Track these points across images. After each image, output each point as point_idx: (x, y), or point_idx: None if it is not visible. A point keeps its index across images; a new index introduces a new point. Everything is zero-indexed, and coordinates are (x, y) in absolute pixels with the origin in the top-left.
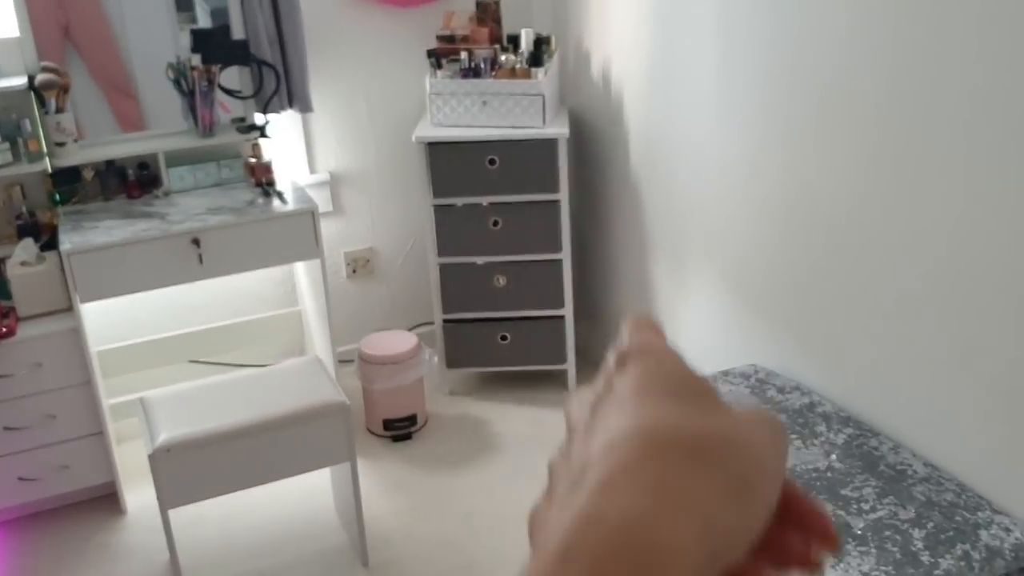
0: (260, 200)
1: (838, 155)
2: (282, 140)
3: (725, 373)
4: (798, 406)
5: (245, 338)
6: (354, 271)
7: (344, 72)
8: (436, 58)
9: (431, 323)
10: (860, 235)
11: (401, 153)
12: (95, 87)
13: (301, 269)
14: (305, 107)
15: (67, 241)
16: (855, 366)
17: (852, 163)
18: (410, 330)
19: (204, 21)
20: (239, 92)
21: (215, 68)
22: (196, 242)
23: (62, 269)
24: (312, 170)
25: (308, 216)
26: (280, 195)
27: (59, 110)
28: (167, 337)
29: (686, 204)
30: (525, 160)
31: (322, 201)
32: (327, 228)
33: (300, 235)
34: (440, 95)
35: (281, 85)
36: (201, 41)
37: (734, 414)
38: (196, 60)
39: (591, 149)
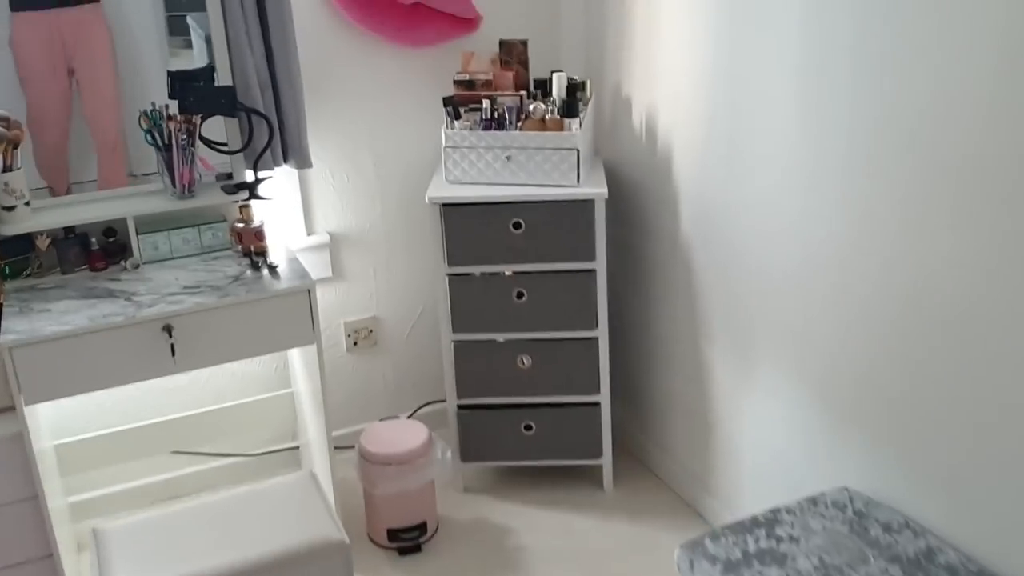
0: (248, 273)
1: (970, 240)
2: (275, 197)
3: (813, 502)
4: (912, 553)
5: (231, 425)
6: (355, 343)
7: (347, 121)
8: (453, 107)
9: (441, 401)
10: (993, 338)
11: (411, 212)
12: (90, 142)
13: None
14: (303, 162)
15: (11, 329)
16: (985, 500)
17: (987, 251)
18: (419, 410)
19: (198, 48)
20: (224, 146)
21: (196, 118)
22: (168, 330)
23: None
24: (309, 231)
25: (304, 296)
26: (272, 268)
27: (7, 168)
28: (141, 427)
29: (755, 284)
30: (556, 223)
31: (320, 265)
32: (325, 296)
33: (294, 317)
34: (457, 148)
35: (275, 137)
36: (179, 86)
37: None
38: (174, 108)
39: (631, 208)
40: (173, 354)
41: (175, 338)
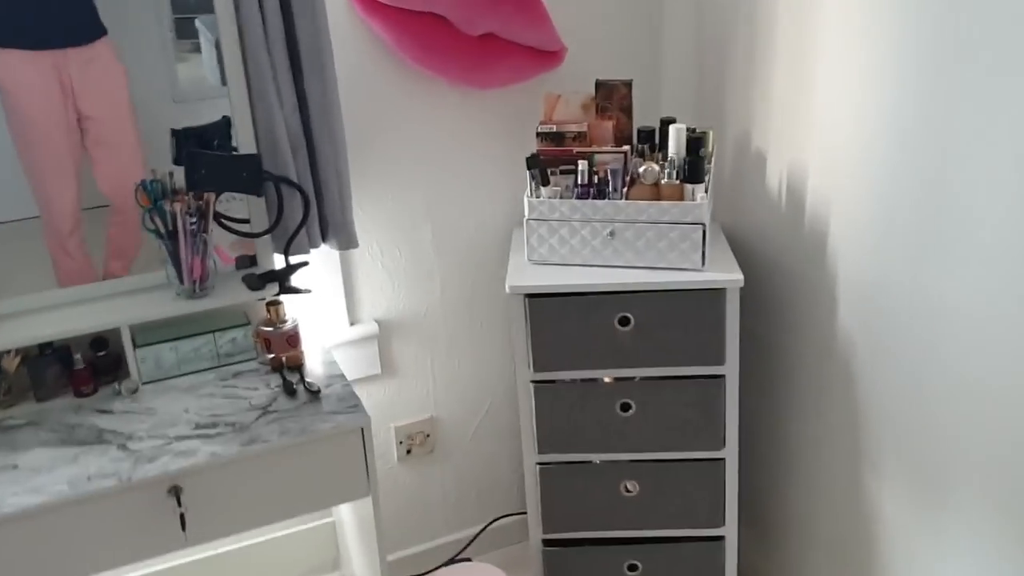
0: (279, 401)
1: None
2: (312, 282)
3: None
4: None
5: (264, 559)
6: (408, 451)
7: (400, 185)
8: (540, 169)
9: (516, 515)
10: None
11: (476, 293)
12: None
13: None
14: (347, 241)
15: None
16: None
17: None
18: (489, 526)
19: (210, 62)
20: (247, 224)
21: (210, 194)
22: (176, 493)
23: None
24: (353, 320)
25: (356, 437)
26: (313, 392)
27: None
28: (164, 569)
29: (951, 402)
30: (675, 318)
31: (366, 360)
32: (372, 396)
33: (343, 464)
34: (545, 221)
35: (311, 212)
36: (188, 153)
37: None
38: (179, 176)
39: (765, 295)
40: (183, 526)
41: (185, 505)
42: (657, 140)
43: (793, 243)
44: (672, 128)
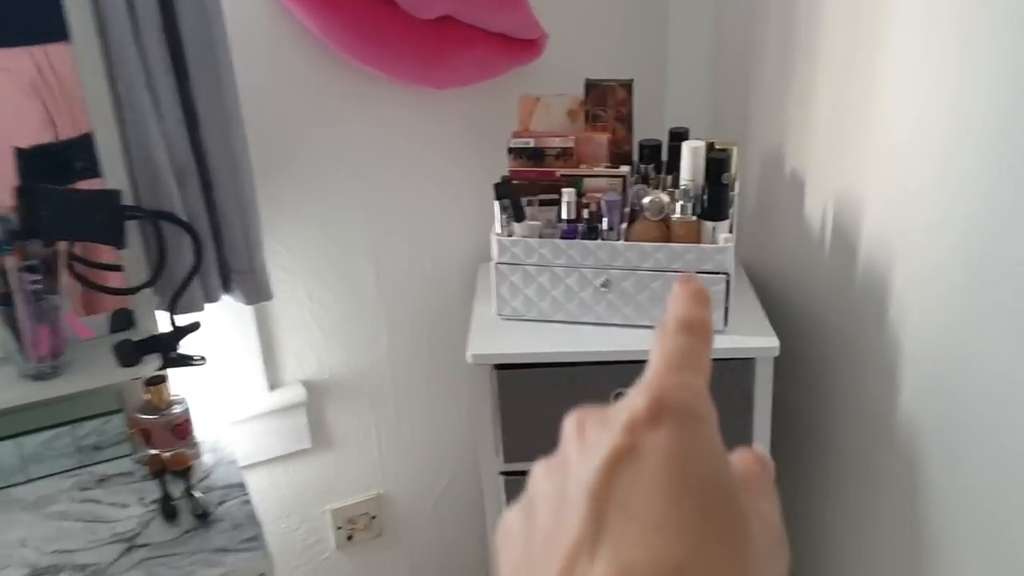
0: (153, 527)
1: None
2: (215, 340)
3: None
4: None
5: None
6: (349, 537)
7: (333, 213)
8: (512, 199)
9: None
10: None
11: (435, 344)
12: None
13: None
14: (257, 292)
15: None
16: None
17: None
18: None
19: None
20: (118, 270)
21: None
22: None
23: None
24: (274, 383)
25: None
26: (199, 513)
27: None
28: None
29: None
30: None
31: (292, 434)
32: (300, 475)
33: None
34: (519, 266)
35: (205, 257)
36: (21, 185)
37: (758, 554)
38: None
39: (805, 360)
40: None
41: None
42: (665, 158)
43: (841, 297)
44: (687, 147)
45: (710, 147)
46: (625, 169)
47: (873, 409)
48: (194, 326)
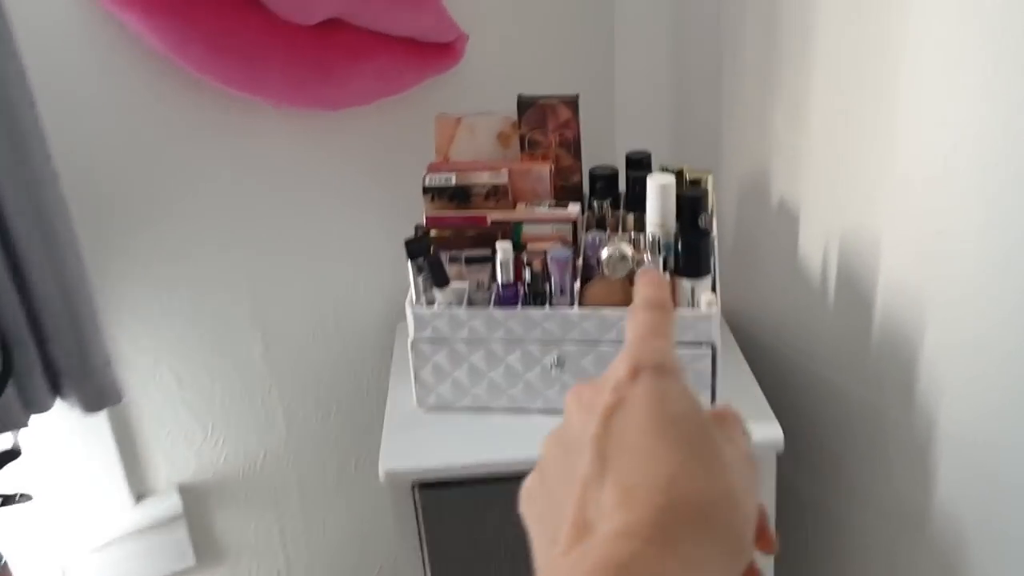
0: None
1: None
2: (53, 453)
3: None
4: None
5: None
6: None
7: (203, 270)
8: (430, 260)
9: None
10: None
11: (346, 418)
12: None
13: None
14: (99, 396)
15: None
16: None
17: None
18: None
19: None
20: None
21: None
22: None
23: None
24: (139, 493)
25: None
26: None
27: None
28: None
29: None
30: None
31: (170, 551)
32: None
33: None
34: (444, 343)
35: (19, 360)
36: None
37: (732, 468)
38: None
39: (815, 439)
40: None
41: None
42: (622, 188)
43: (854, 360)
44: (654, 183)
45: (678, 176)
46: (575, 210)
47: (902, 497)
48: (11, 454)
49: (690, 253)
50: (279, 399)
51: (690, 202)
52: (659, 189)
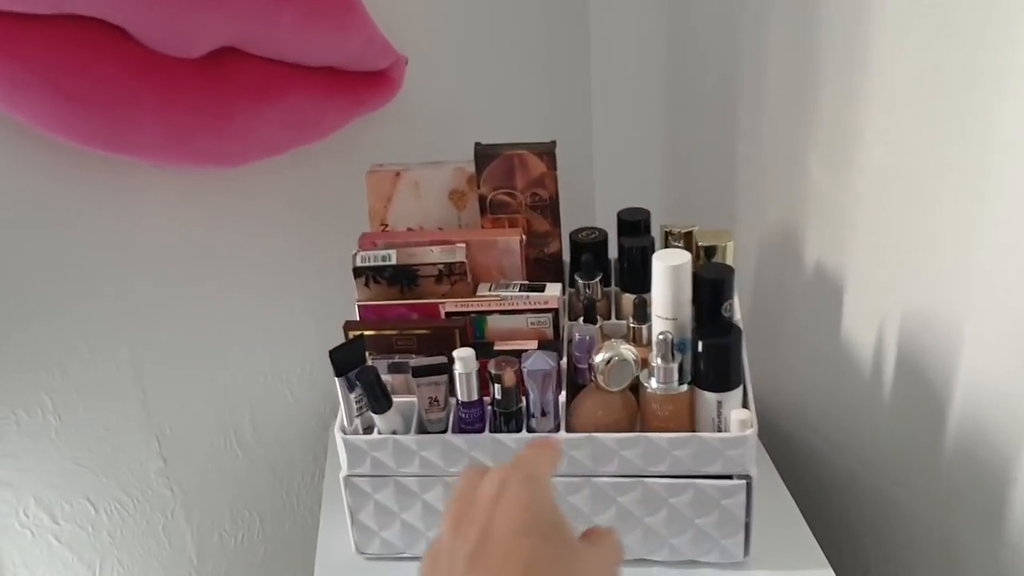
0: None
1: None
2: None
3: None
4: None
5: None
6: None
7: (77, 359)
8: (364, 377)
9: None
10: None
11: (268, 545)
12: None
13: None
14: None
15: None
16: None
17: None
18: None
19: None
20: None
21: None
22: None
23: None
24: None
25: None
26: None
27: None
28: None
29: None
30: None
31: None
32: None
33: None
34: (389, 479)
35: None
36: None
37: (592, 555)
38: None
39: (863, 558)
40: None
41: None
42: (613, 258)
43: (922, 476)
44: (663, 264)
45: (685, 239)
46: (555, 293)
47: None
48: None
49: (716, 359)
50: (186, 526)
51: (711, 286)
52: (670, 272)
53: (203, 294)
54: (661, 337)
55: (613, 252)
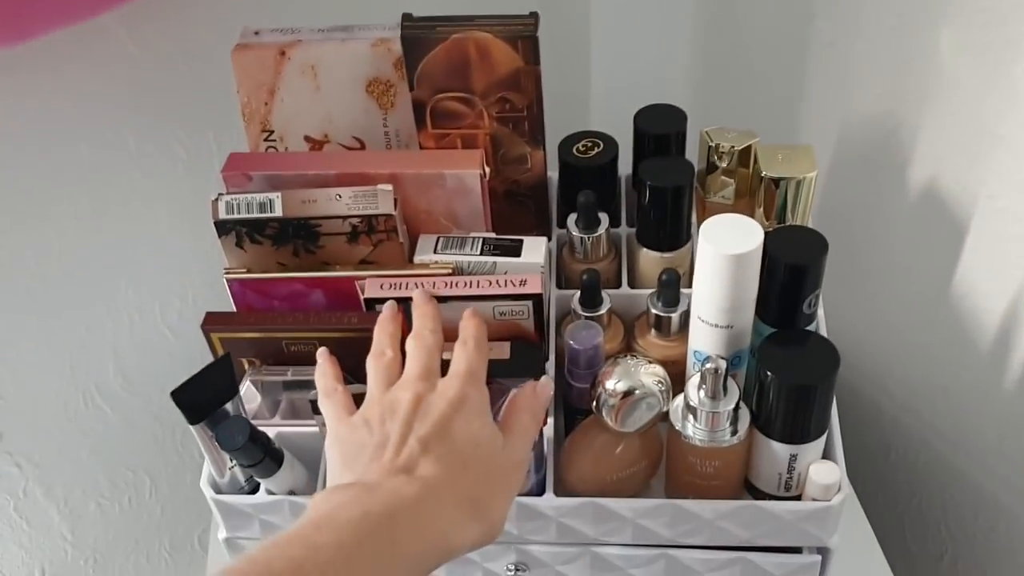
0: None
1: None
2: None
3: None
4: None
5: None
6: None
7: None
8: (222, 425)
9: None
10: None
11: (158, 494)
12: None
13: None
14: None
15: None
16: None
17: None
18: None
19: None
20: None
21: None
22: None
23: None
24: None
25: None
26: None
27: None
28: None
29: None
30: None
31: None
32: None
33: None
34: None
35: None
36: None
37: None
38: None
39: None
40: None
41: None
42: (627, 188)
43: None
44: (713, 245)
45: (742, 159)
46: (538, 258)
47: None
48: None
49: (796, 404)
50: (45, 497)
51: (791, 273)
52: (730, 265)
53: (29, 219)
54: (710, 367)
55: (625, 178)
